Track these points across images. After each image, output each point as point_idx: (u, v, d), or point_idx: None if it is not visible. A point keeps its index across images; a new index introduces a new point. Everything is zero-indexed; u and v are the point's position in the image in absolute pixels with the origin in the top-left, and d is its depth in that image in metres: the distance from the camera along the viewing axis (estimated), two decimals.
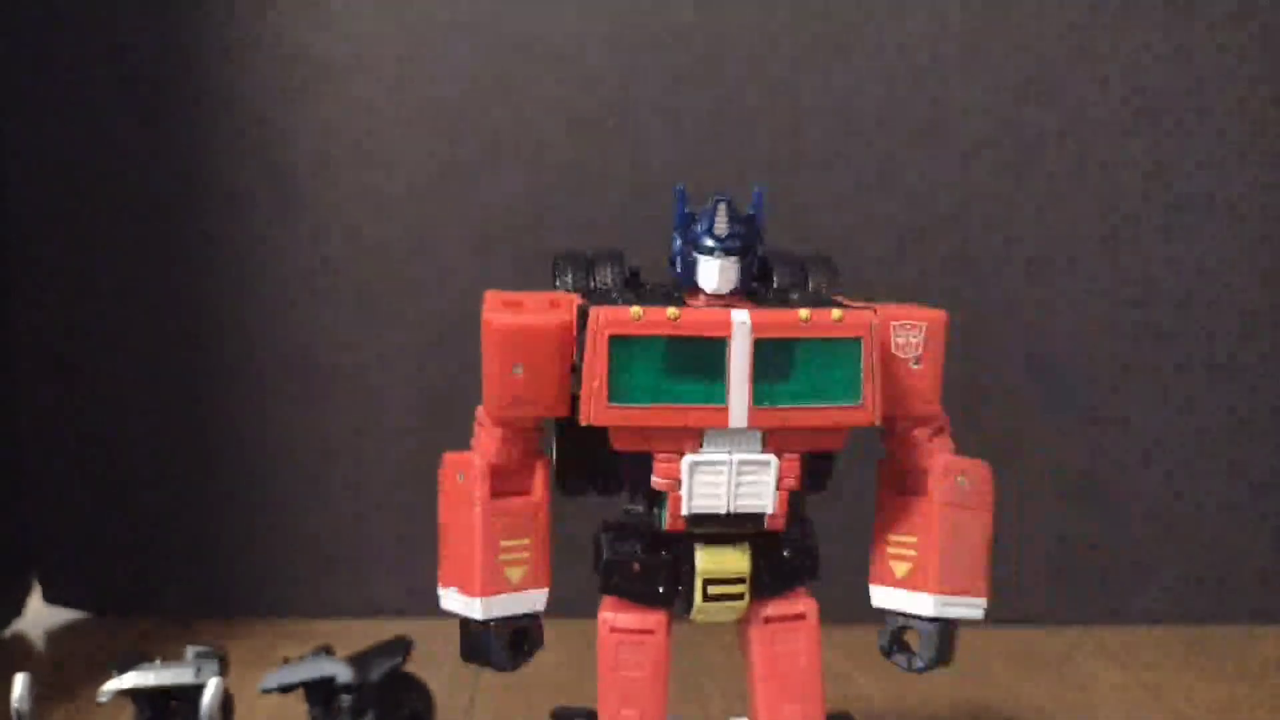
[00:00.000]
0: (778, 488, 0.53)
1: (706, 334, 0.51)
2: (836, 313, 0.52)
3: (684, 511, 0.53)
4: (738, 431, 0.52)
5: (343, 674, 0.66)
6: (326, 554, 0.98)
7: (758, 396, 0.52)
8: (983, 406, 0.94)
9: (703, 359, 0.51)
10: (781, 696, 0.56)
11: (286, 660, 0.68)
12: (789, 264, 0.57)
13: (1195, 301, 0.95)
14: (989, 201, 0.93)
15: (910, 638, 0.58)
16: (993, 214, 0.94)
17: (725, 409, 0.51)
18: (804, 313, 0.51)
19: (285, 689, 0.66)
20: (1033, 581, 0.97)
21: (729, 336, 0.51)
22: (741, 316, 0.51)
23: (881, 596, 0.58)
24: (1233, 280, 0.94)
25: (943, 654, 0.57)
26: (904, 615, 0.57)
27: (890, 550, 0.58)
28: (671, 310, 0.51)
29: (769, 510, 0.54)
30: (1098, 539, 0.97)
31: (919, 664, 0.57)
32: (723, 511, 0.53)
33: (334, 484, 0.97)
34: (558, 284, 0.57)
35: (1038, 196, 0.93)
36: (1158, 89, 0.92)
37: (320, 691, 0.66)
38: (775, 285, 0.57)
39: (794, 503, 0.56)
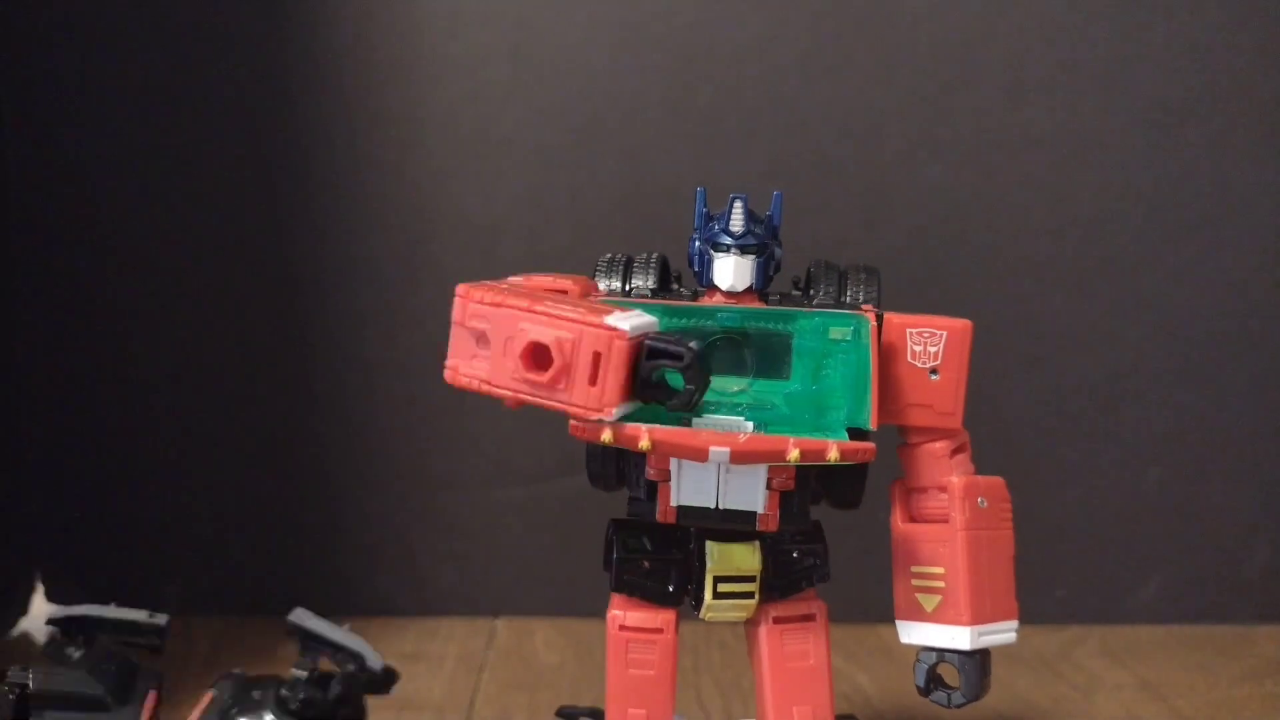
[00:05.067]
0: (768, 488, 0.54)
1: (679, 455, 0.51)
2: (834, 453, 0.50)
3: (672, 502, 0.54)
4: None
5: (372, 660, 0.65)
6: (328, 553, 0.98)
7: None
8: (982, 407, 0.94)
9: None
10: (791, 698, 0.56)
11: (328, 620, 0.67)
12: (829, 272, 0.57)
13: (1196, 303, 0.95)
14: (989, 205, 0.93)
15: (944, 671, 0.56)
16: (993, 217, 0.94)
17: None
18: (794, 454, 0.50)
19: (309, 636, 0.65)
20: (1032, 580, 0.97)
21: (706, 460, 0.50)
22: (721, 453, 0.50)
23: (912, 633, 0.56)
24: (1233, 282, 0.94)
25: (983, 686, 0.56)
26: (939, 651, 0.55)
27: (916, 583, 0.56)
28: (644, 442, 0.49)
29: (759, 509, 0.54)
30: (1097, 539, 0.97)
31: (960, 699, 0.55)
32: (712, 506, 0.54)
33: (335, 483, 0.97)
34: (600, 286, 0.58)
35: (1038, 200, 0.93)
36: (1161, 92, 0.92)
37: (328, 653, 0.66)
38: (809, 291, 0.57)
39: (797, 505, 0.56)
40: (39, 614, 0.99)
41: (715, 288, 0.54)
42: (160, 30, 0.92)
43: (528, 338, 0.48)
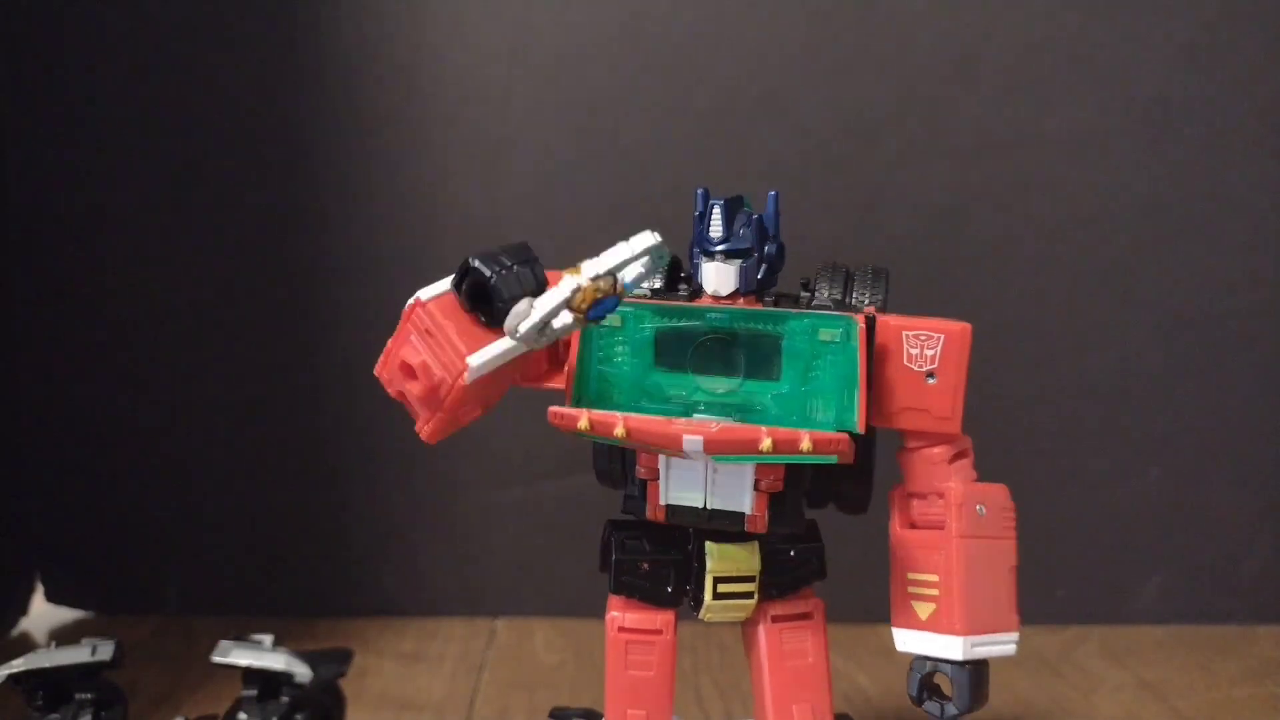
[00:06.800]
0: (756, 489, 0.54)
1: (655, 444, 0.51)
2: (806, 443, 0.49)
3: (661, 501, 0.54)
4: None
5: (300, 673, 0.64)
6: (329, 553, 0.98)
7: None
8: (982, 408, 0.94)
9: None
10: (790, 696, 0.56)
11: (239, 637, 0.67)
12: (835, 273, 0.57)
13: (1196, 303, 0.95)
14: (989, 205, 0.93)
15: (940, 680, 0.55)
16: (993, 217, 0.94)
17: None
18: (766, 443, 0.49)
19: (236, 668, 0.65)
20: (1032, 580, 0.97)
21: (681, 450, 0.50)
22: (694, 441, 0.49)
23: (906, 640, 0.56)
24: (1232, 282, 0.94)
25: (977, 698, 0.54)
26: (932, 660, 0.55)
27: (911, 590, 0.55)
28: (619, 429, 0.50)
29: (746, 510, 0.54)
30: (1098, 539, 0.97)
31: (952, 712, 0.54)
32: (700, 506, 0.54)
33: (336, 483, 0.97)
34: None
35: (1038, 200, 0.93)
36: (1161, 92, 0.92)
37: (267, 682, 0.65)
38: (812, 293, 0.57)
39: (790, 506, 0.56)
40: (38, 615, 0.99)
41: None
42: (163, 31, 0.92)
43: (399, 360, 0.53)
